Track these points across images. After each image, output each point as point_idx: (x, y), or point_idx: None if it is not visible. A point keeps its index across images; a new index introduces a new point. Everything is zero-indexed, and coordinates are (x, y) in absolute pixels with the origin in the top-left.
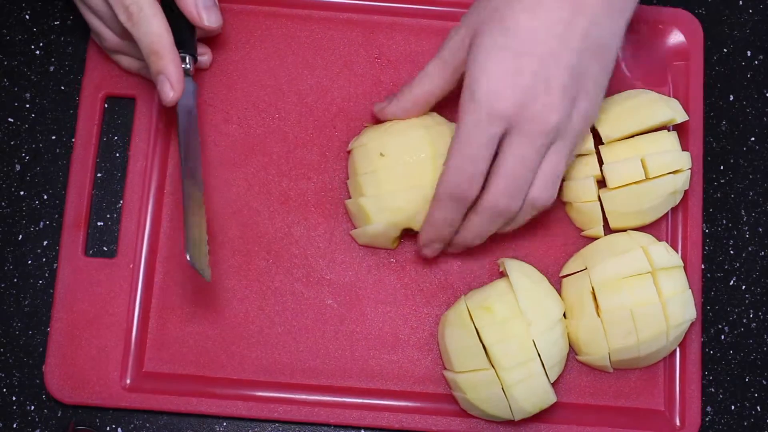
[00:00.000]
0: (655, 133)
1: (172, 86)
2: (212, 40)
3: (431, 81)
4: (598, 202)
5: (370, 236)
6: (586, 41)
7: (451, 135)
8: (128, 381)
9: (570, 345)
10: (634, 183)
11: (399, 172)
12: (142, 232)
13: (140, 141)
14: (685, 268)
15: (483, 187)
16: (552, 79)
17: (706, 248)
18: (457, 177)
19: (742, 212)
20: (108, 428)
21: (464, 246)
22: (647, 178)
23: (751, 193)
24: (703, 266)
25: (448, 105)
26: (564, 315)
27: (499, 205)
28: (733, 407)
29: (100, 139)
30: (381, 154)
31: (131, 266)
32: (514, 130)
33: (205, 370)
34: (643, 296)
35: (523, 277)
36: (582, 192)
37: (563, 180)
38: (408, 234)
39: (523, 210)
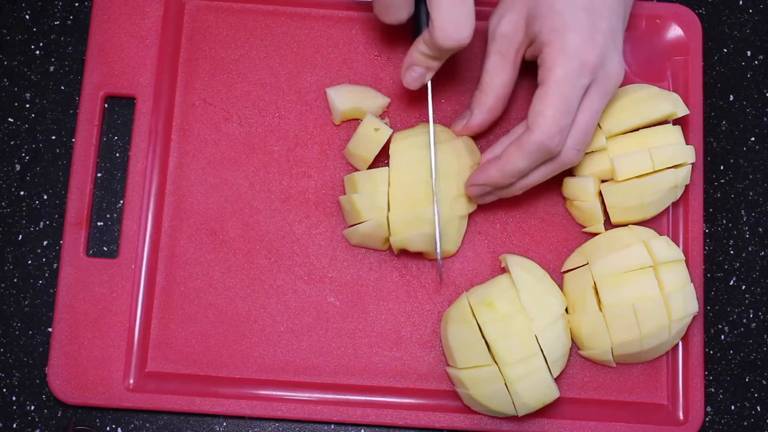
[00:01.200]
0: (659, 126)
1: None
2: (211, 39)
3: (499, 77)
4: (599, 201)
5: (361, 235)
6: (626, 10)
7: (453, 154)
8: (131, 381)
9: (572, 340)
10: (636, 177)
11: (395, 193)
12: (144, 232)
13: (140, 141)
14: (686, 262)
15: None
16: (617, 40)
17: (706, 248)
18: (553, 128)
19: (742, 212)
20: (108, 428)
21: (510, 193)
22: (654, 171)
23: (751, 193)
24: (703, 265)
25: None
26: (566, 310)
27: (568, 159)
28: (733, 407)
29: (100, 139)
30: (376, 129)
31: (133, 266)
32: (594, 87)
33: (208, 369)
34: (644, 290)
35: (524, 272)
36: (583, 190)
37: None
38: None
39: (550, 165)
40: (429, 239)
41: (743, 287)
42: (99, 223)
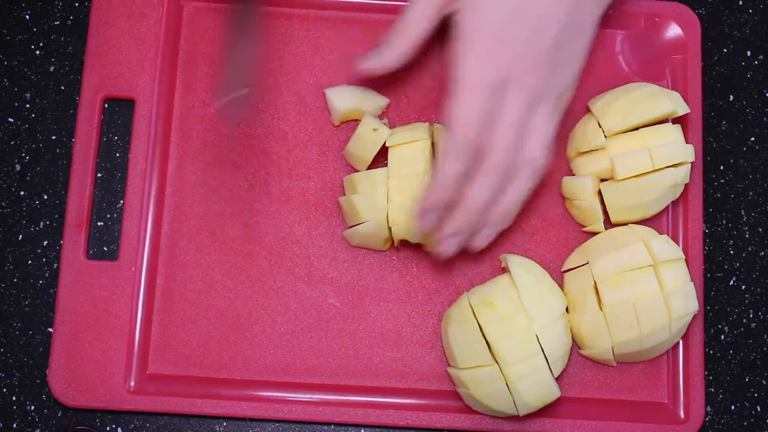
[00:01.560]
0: (659, 125)
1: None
2: (210, 40)
3: (419, 23)
4: (598, 200)
5: (361, 236)
6: (570, 19)
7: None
8: (132, 383)
9: (573, 339)
10: (636, 176)
11: (394, 183)
12: (144, 234)
13: (140, 143)
14: (686, 260)
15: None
16: (541, 41)
17: (706, 248)
18: (471, 121)
19: (742, 212)
20: (108, 428)
21: (473, 220)
22: (654, 170)
23: (751, 193)
24: (703, 264)
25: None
26: (566, 310)
27: (502, 159)
28: (733, 407)
29: (99, 141)
30: (374, 129)
31: (133, 268)
32: (511, 84)
33: (209, 371)
34: (645, 289)
35: (525, 272)
36: (582, 189)
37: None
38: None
39: (523, 174)
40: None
41: (743, 287)
42: (99, 225)
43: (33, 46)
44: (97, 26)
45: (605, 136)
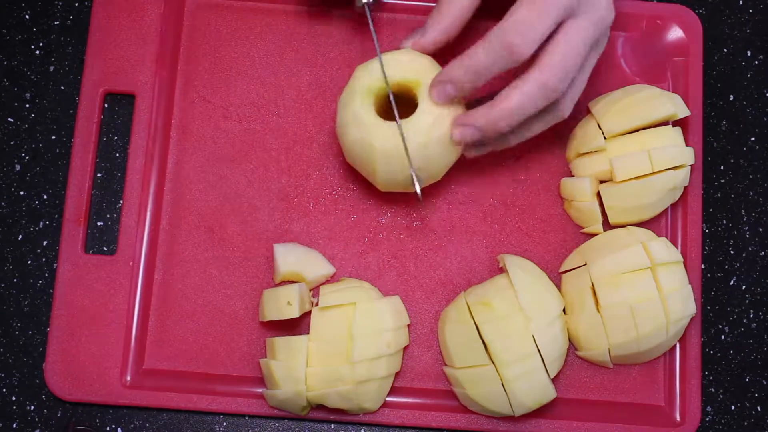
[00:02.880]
0: (659, 127)
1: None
2: (211, 36)
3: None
4: (597, 202)
5: (279, 401)
6: None
7: (389, 310)
8: (128, 378)
9: (570, 340)
10: (635, 178)
11: (314, 347)
12: (142, 229)
13: (140, 138)
14: (684, 263)
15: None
16: None
17: (706, 248)
18: (520, 26)
19: (742, 212)
20: (108, 428)
21: (494, 124)
22: (653, 172)
23: (751, 193)
24: (703, 266)
25: None
26: (564, 311)
27: (550, 80)
28: (733, 407)
29: (99, 136)
30: (288, 303)
31: (131, 263)
32: (579, 12)
33: (206, 366)
34: (642, 292)
35: (522, 272)
36: (581, 190)
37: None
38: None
39: (543, 116)
40: (344, 399)
41: (743, 287)
42: (99, 223)
43: (33, 46)
44: (99, 21)
45: (605, 138)
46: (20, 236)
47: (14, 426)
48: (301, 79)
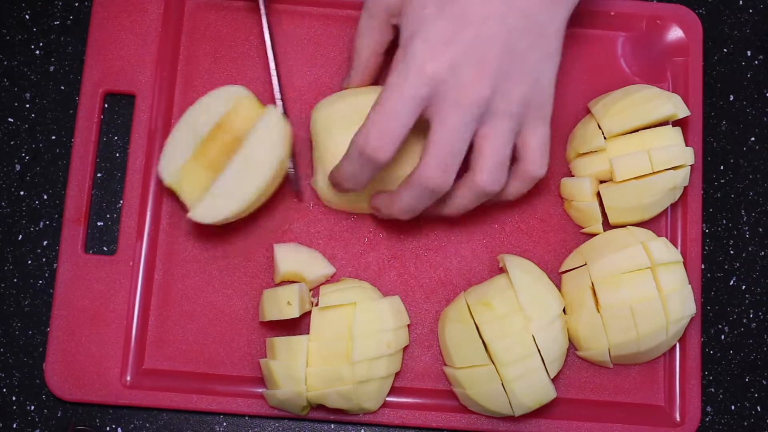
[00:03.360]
0: (659, 127)
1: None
2: (211, 36)
3: (367, 38)
4: (597, 202)
5: (279, 400)
6: (526, 22)
7: (389, 310)
8: (128, 378)
9: (570, 340)
10: (635, 178)
11: (314, 347)
12: (142, 229)
13: (139, 138)
14: (684, 263)
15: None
16: (487, 51)
17: (706, 248)
18: (371, 131)
19: (742, 212)
20: (108, 428)
21: (390, 217)
22: (653, 172)
23: (751, 193)
24: (703, 266)
25: None
26: (564, 310)
27: (429, 178)
28: (733, 407)
29: (99, 136)
30: (288, 303)
31: (131, 263)
32: (442, 99)
33: (206, 367)
34: (642, 292)
35: (522, 272)
36: (581, 190)
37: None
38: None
39: (467, 196)
40: (344, 399)
41: (743, 287)
42: (99, 223)
43: (33, 46)
44: (99, 21)
45: (605, 138)
46: (20, 236)
47: (14, 426)
48: (301, 80)
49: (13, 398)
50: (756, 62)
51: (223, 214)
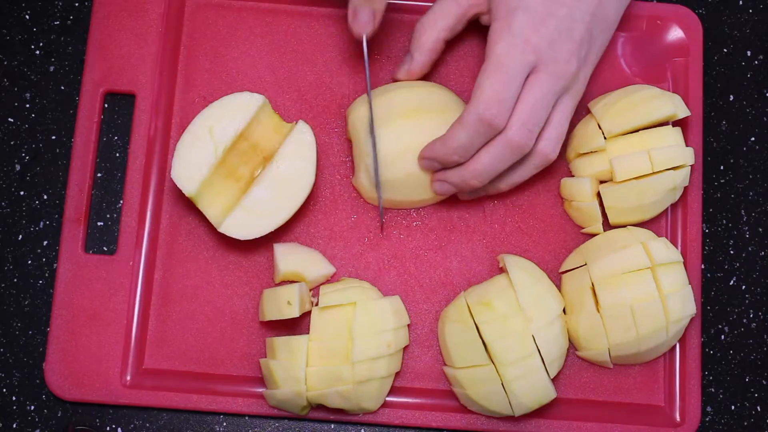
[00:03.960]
0: (659, 128)
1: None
2: (212, 36)
3: (443, 20)
4: (597, 202)
5: (279, 400)
6: (599, 11)
7: (389, 310)
8: (128, 378)
9: (570, 341)
10: (635, 179)
11: (314, 347)
12: (142, 228)
13: (140, 137)
14: (684, 263)
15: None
16: (574, 30)
17: (706, 248)
18: (491, 99)
19: (742, 212)
20: (108, 428)
21: (466, 182)
22: (654, 172)
23: (751, 193)
24: (702, 266)
25: None
26: (564, 311)
27: (516, 137)
28: (733, 407)
29: (99, 135)
30: (288, 303)
31: (131, 263)
32: (540, 67)
33: (206, 366)
34: (642, 292)
35: (522, 273)
36: (581, 190)
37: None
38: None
39: (531, 163)
40: (344, 399)
41: (743, 287)
42: (99, 223)
43: (33, 46)
44: (99, 20)
45: (605, 138)
46: (20, 236)
47: (14, 426)
48: (301, 80)
49: (13, 398)
50: (756, 62)
51: (262, 231)
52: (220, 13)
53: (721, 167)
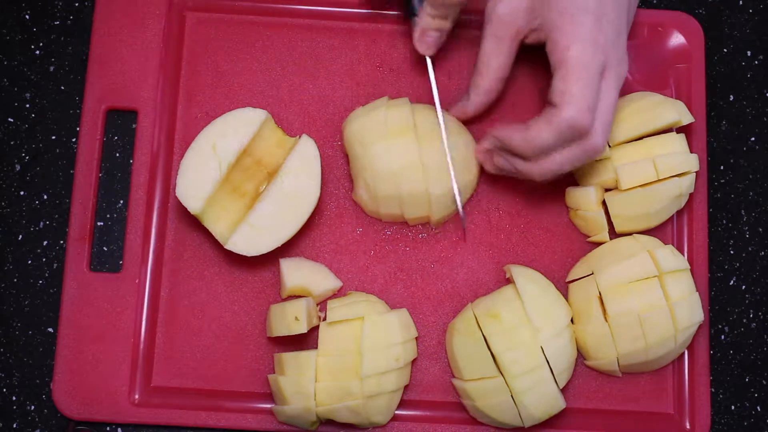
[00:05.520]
0: (664, 135)
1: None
2: (212, 51)
3: (495, 60)
4: (603, 211)
5: (288, 416)
6: (631, 6)
7: (397, 323)
8: (137, 396)
9: (578, 350)
10: (640, 186)
11: (323, 362)
12: (147, 245)
13: (143, 154)
14: (691, 270)
15: None
16: (622, 27)
17: None
18: (583, 104)
19: (742, 212)
20: (108, 428)
21: (530, 175)
22: (659, 180)
23: (751, 193)
24: (708, 275)
25: None
26: (571, 320)
27: (600, 143)
28: (733, 407)
29: (102, 152)
30: (296, 318)
31: (137, 281)
32: (609, 68)
33: (214, 383)
34: (650, 300)
35: (529, 283)
36: (586, 199)
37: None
38: None
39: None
40: (353, 413)
41: (743, 287)
42: (104, 238)
43: (33, 46)
44: (100, 38)
45: (609, 146)
46: (20, 236)
47: (14, 426)
48: (303, 93)
49: (13, 398)
50: (756, 62)
51: (269, 247)
52: (221, 28)
53: (721, 167)
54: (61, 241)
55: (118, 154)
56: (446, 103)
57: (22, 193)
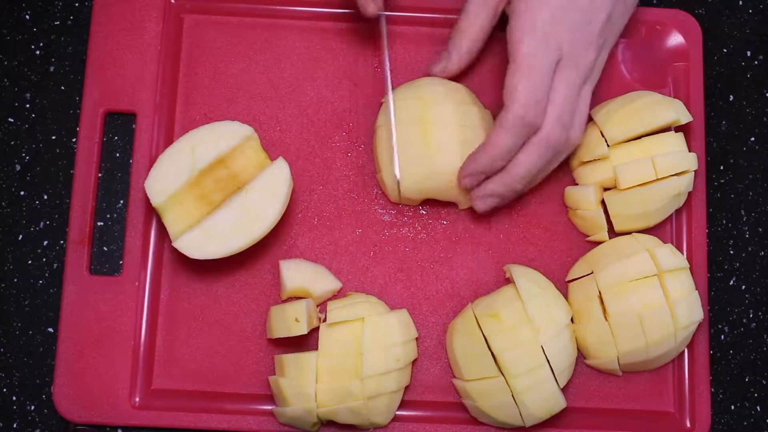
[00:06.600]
0: (662, 134)
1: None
2: (211, 53)
3: (477, 21)
4: (602, 210)
5: (289, 418)
6: None
7: (397, 324)
8: (137, 399)
9: (578, 349)
10: (639, 185)
11: (324, 363)
12: (147, 248)
13: (142, 156)
14: (690, 269)
15: None
16: (594, 20)
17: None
18: (529, 102)
19: (742, 212)
20: (108, 428)
21: (511, 188)
22: (658, 179)
23: (751, 193)
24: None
25: None
26: (571, 320)
27: (553, 135)
28: (733, 407)
29: (101, 155)
30: (296, 320)
31: (136, 283)
32: (564, 62)
33: (215, 385)
34: (650, 299)
35: (529, 283)
36: (585, 199)
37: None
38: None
39: (563, 153)
40: (354, 414)
41: (743, 287)
42: (103, 239)
43: (33, 46)
44: (98, 40)
45: (608, 146)
46: (20, 236)
47: (14, 426)
48: (301, 94)
49: (13, 398)
50: (756, 62)
51: (211, 254)
52: (219, 30)
53: (721, 167)
54: (61, 241)
55: (118, 154)
56: (424, 64)
57: (22, 193)
